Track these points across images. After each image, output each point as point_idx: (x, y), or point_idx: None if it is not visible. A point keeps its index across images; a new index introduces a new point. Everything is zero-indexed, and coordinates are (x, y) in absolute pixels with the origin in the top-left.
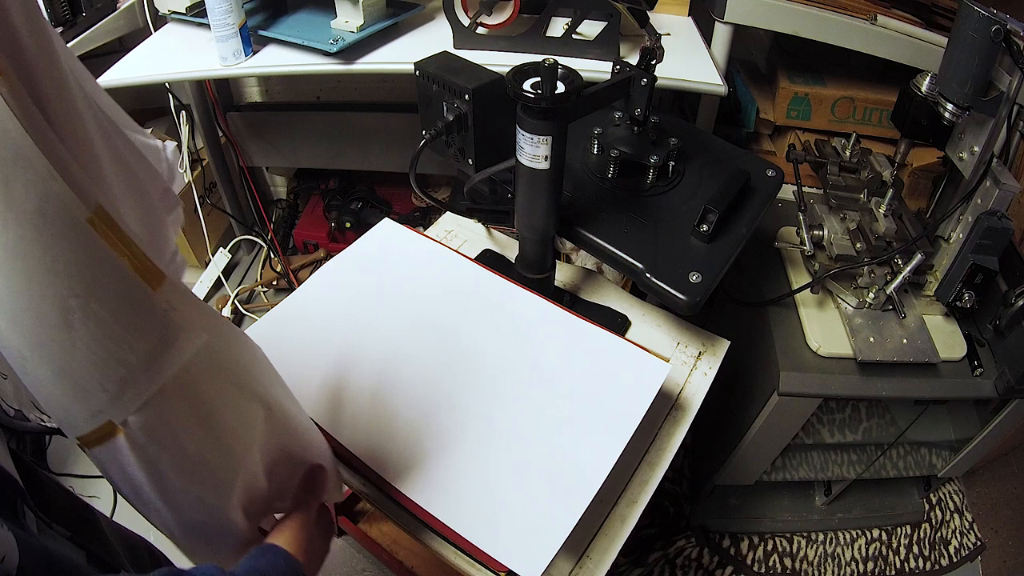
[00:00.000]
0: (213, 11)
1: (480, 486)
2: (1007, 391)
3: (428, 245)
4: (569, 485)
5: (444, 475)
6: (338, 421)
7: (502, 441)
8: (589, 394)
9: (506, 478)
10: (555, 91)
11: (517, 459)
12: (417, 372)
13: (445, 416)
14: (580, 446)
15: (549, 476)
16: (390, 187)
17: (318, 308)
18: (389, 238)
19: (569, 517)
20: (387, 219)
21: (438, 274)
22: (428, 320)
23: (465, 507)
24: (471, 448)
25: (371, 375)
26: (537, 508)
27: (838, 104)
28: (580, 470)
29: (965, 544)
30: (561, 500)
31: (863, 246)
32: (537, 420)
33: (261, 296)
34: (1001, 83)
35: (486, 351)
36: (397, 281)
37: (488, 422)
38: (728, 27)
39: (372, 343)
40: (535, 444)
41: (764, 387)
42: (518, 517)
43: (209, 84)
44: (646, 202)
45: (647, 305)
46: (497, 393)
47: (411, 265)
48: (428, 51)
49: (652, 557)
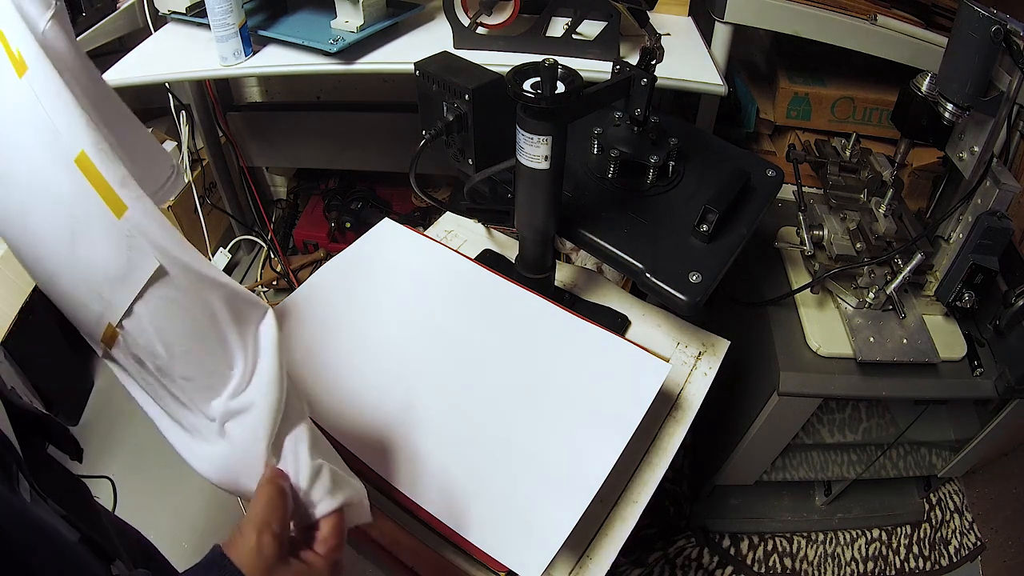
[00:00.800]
0: (213, 11)
1: (480, 486)
2: (1007, 391)
3: (428, 245)
4: (569, 485)
5: (444, 475)
6: (338, 422)
7: (502, 441)
8: (589, 394)
9: (506, 478)
10: (555, 91)
11: (517, 459)
12: (417, 373)
13: (445, 416)
14: (580, 446)
15: (549, 476)
16: (390, 187)
17: (317, 308)
18: (389, 238)
19: (569, 517)
20: (387, 219)
21: (438, 274)
22: (428, 320)
23: (465, 507)
24: (471, 448)
25: (371, 376)
26: (537, 508)
27: (838, 104)
28: (580, 470)
29: (965, 544)
30: (561, 500)
31: (863, 246)
32: (537, 420)
33: (261, 296)
34: (1001, 83)
35: (486, 351)
36: (397, 281)
37: (488, 422)
38: (728, 27)
39: (372, 344)
40: (535, 444)
41: (764, 387)
42: (518, 517)
43: (209, 84)
44: (646, 202)
45: (647, 305)
46: (497, 393)
47: (411, 265)
48: (428, 51)
49: (652, 557)
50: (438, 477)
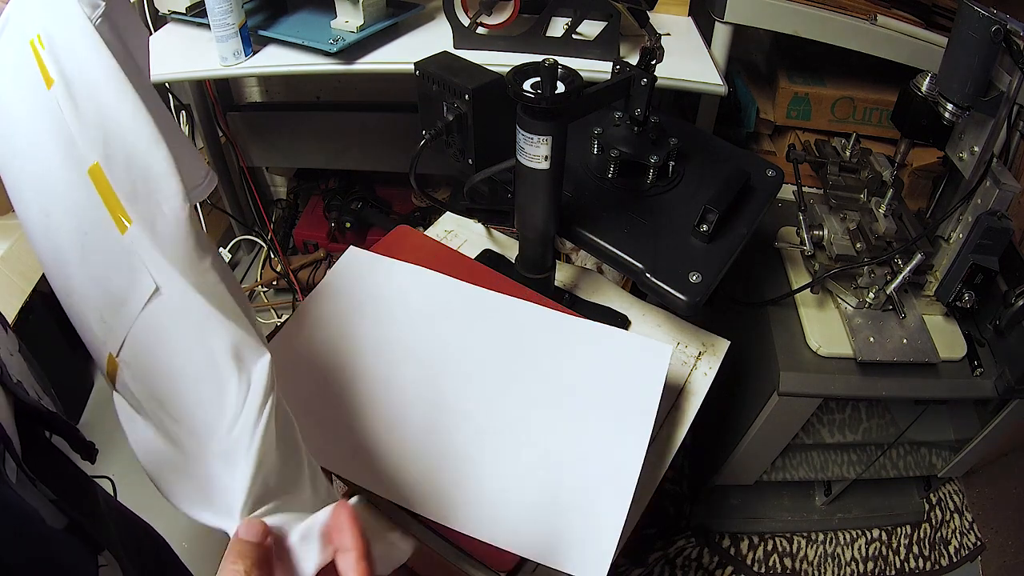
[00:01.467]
0: (213, 11)
1: (520, 500)
2: (1007, 391)
3: (405, 268)
4: (608, 481)
5: (480, 497)
6: (359, 467)
7: (530, 451)
8: (600, 389)
9: (544, 487)
10: (555, 91)
11: (550, 466)
12: (428, 399)
13: (466, 437)
14: (607, 441)
15: (585, 475)
16: (390, 187)
17: (303, 350)
18: (359, 267)
19: (618, 511)
20: (351, 247)
21: (421, 296)
22: (421, 345)
23: (512, 526)
24: (501, 464)
25: (375, 410)
26: (583, 508)
27: (838, 104)
28: (614, 464)
29: (965, 544)
30: (604, 496)
31: (863, 246)
32: (557, 424)
33: (261, 296)
34: (1001, 83)
35: (488, 367)
36: (380, 310)
37: (511, 435)
38: (728, 27)
39: (373, 377)
40: (562, 448)
41: (764, 387)
42: (564, 522)
43: (209, 84)
44: (646, 202)
45: (647, 305)
46: (511, 405)
47: (392, 291)
48: (428, 51)
49: (652, 557)
50: (472, 498)
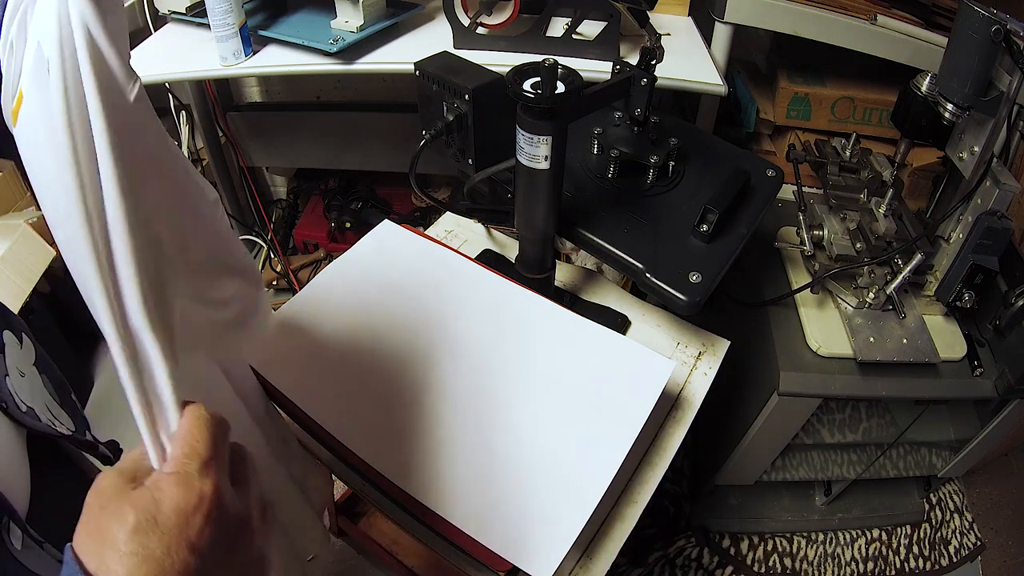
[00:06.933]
0: (213, 11)
1: (487, 486)
2: (1007, 391)
3: (429, 246)
4: (577, 484)
5: (450, 475)
6: (341, 421)
7: (508, 441)
8: (593, 392)
9: (513, 478)
10: (555, 91)
11: (523, 459)
12: (420, 373)
13: (450, 415)
14: (587, 444)
15: (557, 475)
16: (390, 187)
17: (320, 311)
18: (390, 239)
19: (579, 515)
20: (387, 220)
21: (440, 275)
22: (431, 321)
23: (472, 508)
24: (476, 448)
25: (374, 377)
26: (546, 507)
27: (838, 104)
28: (587, 468)
29: (965, 544)
30: (570, 499)
31: (863, 246)
32: (542, 419)
33: None
34: (1001, 83)
35: (490, 351)
36: (399, 282)
37: (493, 422)
38: (728, 27)
39: (375, 345)
40: (541, 443)
41: (764, 387)
42: (526, 517)
43: (209, 84)
44: (646, 202)
45: (647, 305)
46: (501, 393)
47: (413, 266)
48: (428, 51)
49: (652, 557)
50: (444, 477)
